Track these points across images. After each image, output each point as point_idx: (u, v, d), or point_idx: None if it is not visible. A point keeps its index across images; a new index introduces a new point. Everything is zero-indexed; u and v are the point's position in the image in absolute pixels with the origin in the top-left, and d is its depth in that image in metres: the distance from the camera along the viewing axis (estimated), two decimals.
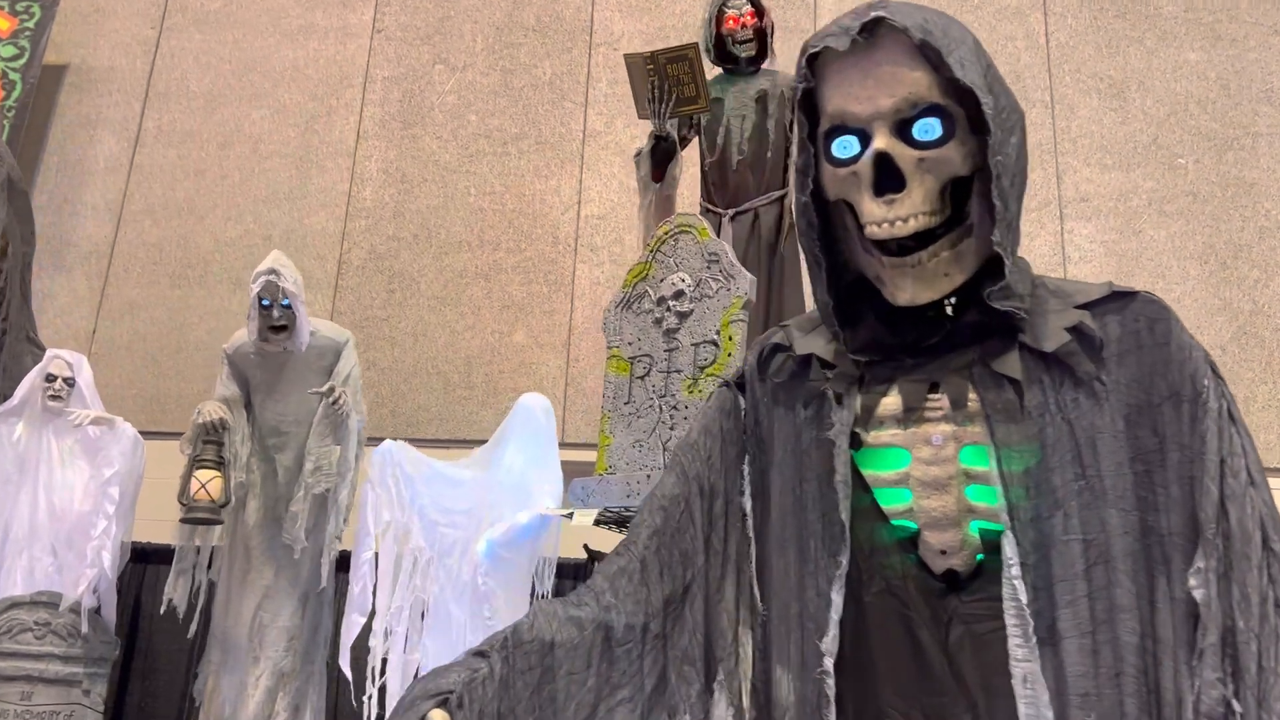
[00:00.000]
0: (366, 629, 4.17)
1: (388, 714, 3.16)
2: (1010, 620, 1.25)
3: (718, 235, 4.72)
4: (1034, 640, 1.24)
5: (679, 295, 4.37)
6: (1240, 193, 5.84)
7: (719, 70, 5.08)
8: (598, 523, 4.20)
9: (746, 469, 1.62)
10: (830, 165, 1.38)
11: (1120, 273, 5.85)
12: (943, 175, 1.33)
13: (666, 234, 4.56)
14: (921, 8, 1.40)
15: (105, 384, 5.06)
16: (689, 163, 5.16)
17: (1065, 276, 5.81)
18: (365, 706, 4.13)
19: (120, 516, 4.31)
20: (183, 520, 3.99)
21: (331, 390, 4.07)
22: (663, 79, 4.69)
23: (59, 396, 4.55)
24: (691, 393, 4.19)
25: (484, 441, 4.67)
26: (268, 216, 6.42)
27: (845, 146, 1.36)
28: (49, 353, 4.65)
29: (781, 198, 4.68)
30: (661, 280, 4.49)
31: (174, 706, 4.77)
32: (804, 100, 1.41)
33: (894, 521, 1.35)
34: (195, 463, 3.98)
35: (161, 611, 4.18)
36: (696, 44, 4.67)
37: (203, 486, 3.91)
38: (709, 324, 4.23)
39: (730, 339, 4.13)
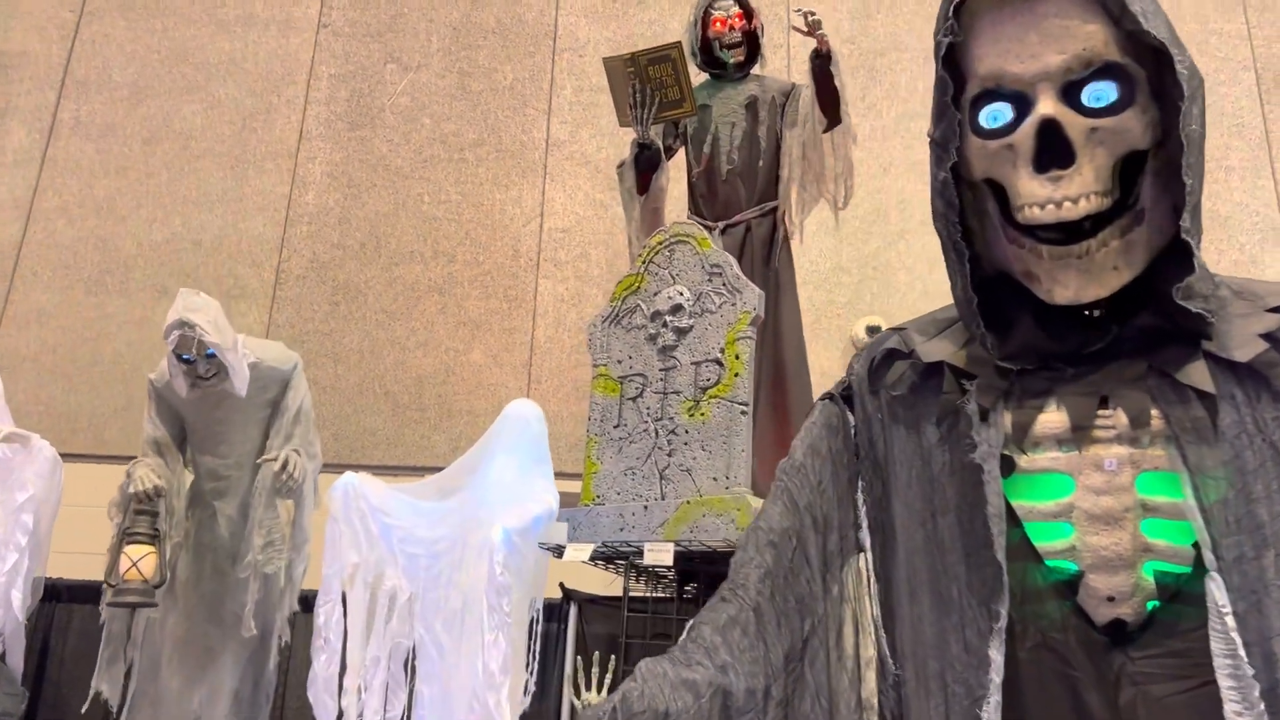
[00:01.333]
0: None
1: None
2: (1226, 683, 1.03)
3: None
4: (1260, 707, 1.02)
5: (677, 310, 4.03)
6: (1214, 225, 5.80)
7: (705, 76, 4.79)
8: (594, 558, 3.81)
9: (861, 497, 1.40)
10: (976, 137, 1.20)
11: None
12: (1118, 149, 1.13)
13: (660, 244, 4.22)
14: None
15: (8, 398, 4.46)
16: (675, 174, 4.84)
17: None
18: None
19: (34, 549, 3.73)
20: (111, 603, 3.44)
21: (281, 461, 3.56)
22: (644, 82, 4.37)
23: None
24: (693, 416, 3.84)
25: (437, 468, 4.23)
26: (198, 219, 5.88)
27: (997, 115, 1.18)
28: None
29: (774, 209, 4.39)
30: (656, 294, 4.14)
31: None
32: (946, 59, 1.21)
33: (1049, 562, 1.16)
34: (125, 536, 3.45)
35: (84, 710, 3.60)
36: (679, 43, 4.37)
37: (134, 565, 3.38)
38: (711, 341, 3.89)
39: (737, 358, 3.79)
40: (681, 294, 4.01)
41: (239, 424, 3.77)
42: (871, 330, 5.59)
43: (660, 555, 3.43)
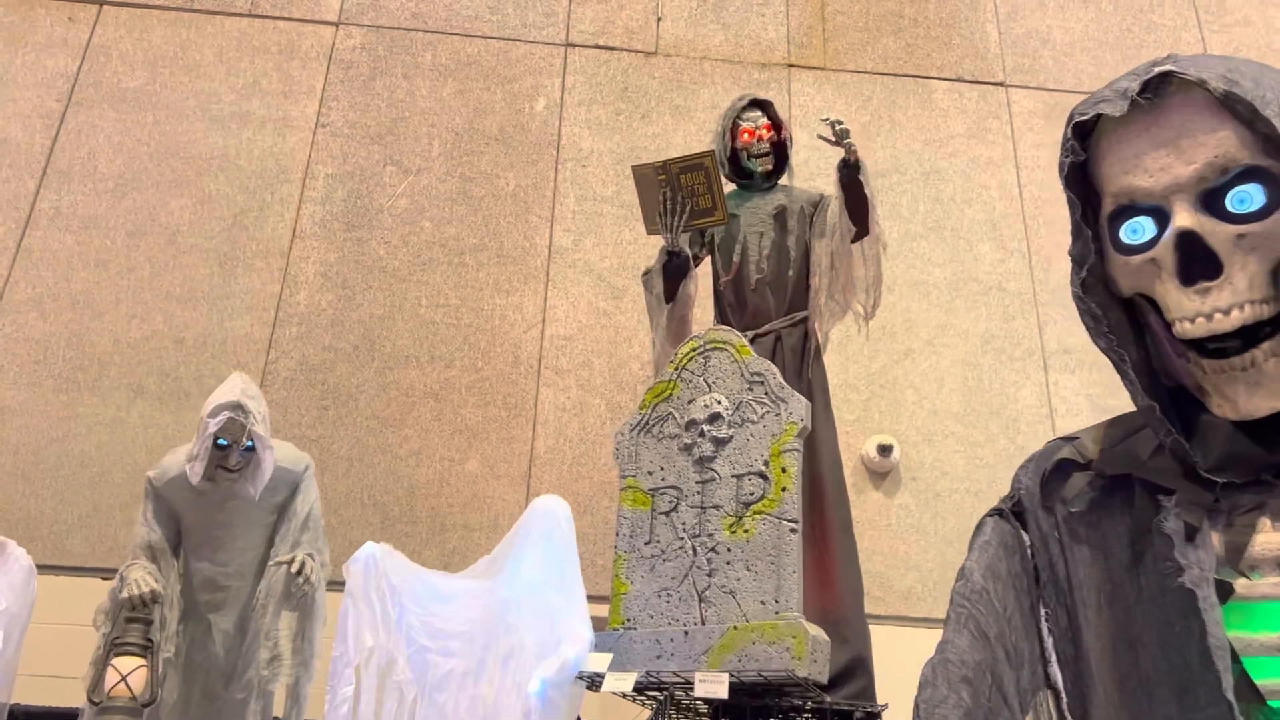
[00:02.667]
0: None
1: None
2: None
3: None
4: None
5: (714, 419, 3.83)
6: None
7: (732, 185, 4.73)
8: (638, 690, 3.49)
9: (1045, 626, 1.29)
10: (1119, 254, 1.19)
11: None
12: (1273, 252, 1.09)
13: (694, 350, 4.05)
14: (1218, 57, 1.14)
15: None
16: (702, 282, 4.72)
17: (1053, 428, 5.59)
18: None
19: (5, 669, 3.32)
20: None
21: (298, 564, 3.27)
22: (675, 189, 4.30)
23: None
24: (735, 533, 3.60)
25: None
26: (181, 317, 5.59)
27: (1136, 229, 1.17)
28: None
29: (804, 319, 4.28)
30: (690, 401, 3.95)
31: None
32: (1071, 178, 1.22)
33: (1272, 703, 1.06)
34: (114, 647, 3.09)
35: None
36: (713, 151, 4.32)
37: (123, 679, 3.01)
38: (754, 453, 3.69)
39: (784, 471, 3.59)
40: (719, 402, 3.82)
41: (242, 529, 3.45)
42: (883, 449, 5.44)
43: (714, 687, 3.15)
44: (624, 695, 3.61)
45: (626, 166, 6.19)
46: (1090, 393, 5.77)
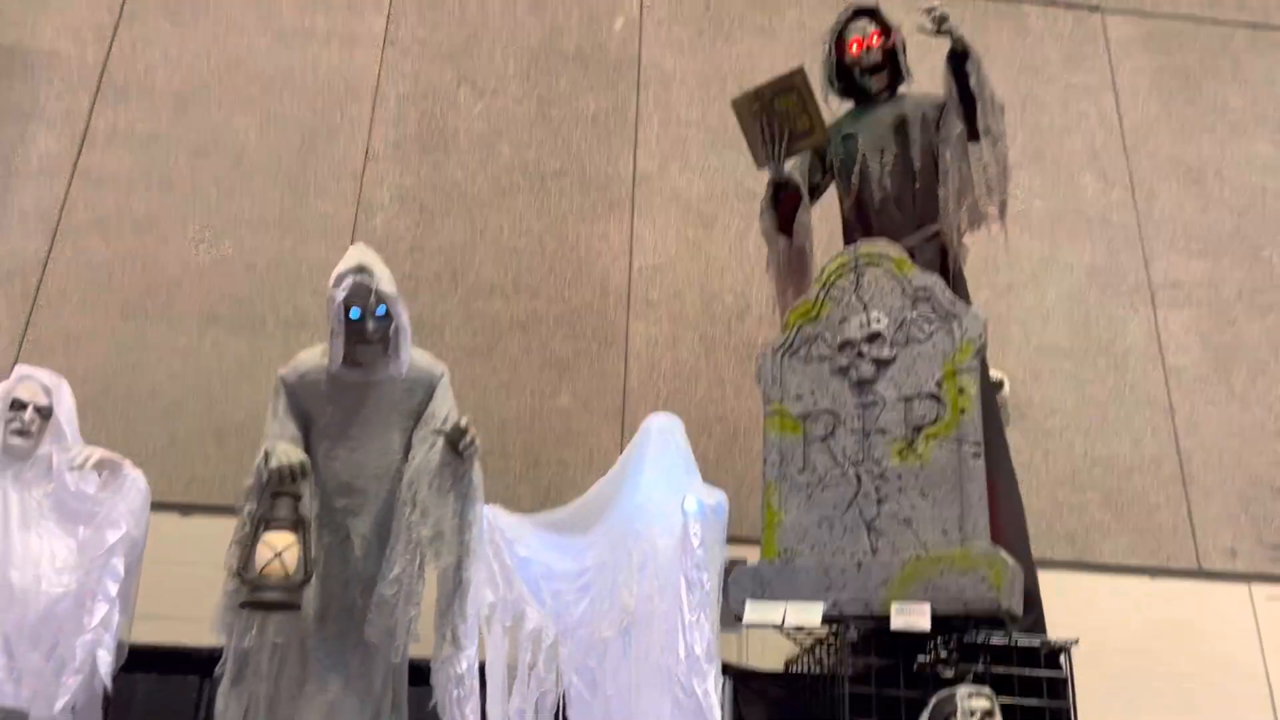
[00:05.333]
0: None
1: None
2: None
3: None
4: None
5: (874, 339, 3.58)
6: None
7: (846, 103, 4.44)
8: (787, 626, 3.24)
9: None
10: None
11: (1219, 365, 5.45)
12: None
13: (843, 267, 3.78)
14: None
15: None
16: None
17: (1164, 366, 5.37)
18: None
19: (124, 600, 3.06)
20: (246, 604, 2.80)
21: (460, 429, 3.03)
22: (771, 116, 4.02)
23: (26, 432, 3.30)
24: (905, 459, 3.35)
25: None
26: (252, 242, 5.27)
27: None
28: (18, 371, 3.40)
29: (938, 233, 3.99)
30: (842, 321, 3.69)
31: None
32: None
33: None
34: (263, 523, 2.83)
35: None
36: (801, 69, 4.01)
37: (277, 556, 2.75)
38: (924, 374, 3.44)
39: (961, 391, 3.33)
40: (878, 320, 3.57)
41: (379, 429, 3.20)
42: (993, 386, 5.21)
43: (914, 619, 2.92)
44: (783, 629, 3.39)
45: (710, 89, 5.89)
46: (1200, 329, 5.54)
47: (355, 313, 3.05)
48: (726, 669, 3.74)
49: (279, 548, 2.76)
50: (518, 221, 5.49)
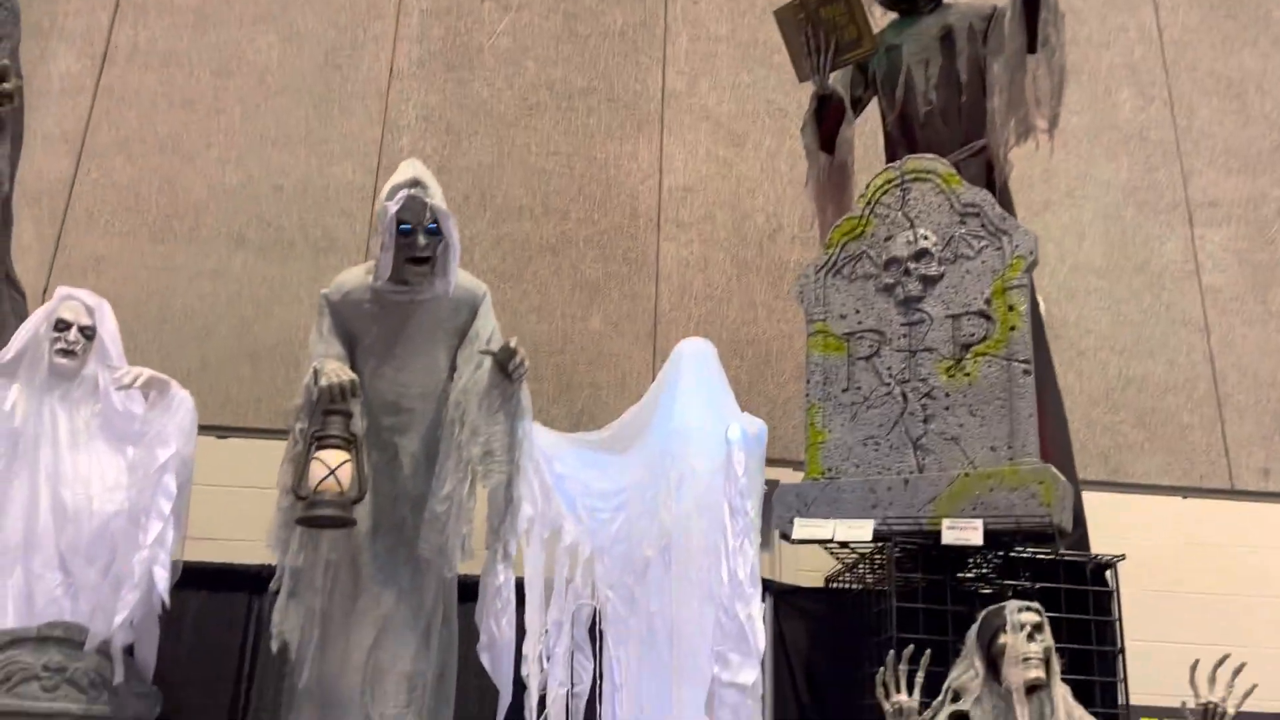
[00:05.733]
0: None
1: None
2: None
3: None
4: None
5: (921, 256, 3.53)
6: None
7: (890, 16, 4.32)
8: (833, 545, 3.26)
9: None
10: None
11: (1256, 284, 5.40)
12: None
13: (889, 183, 3.71)
14: None
15: None
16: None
17: (1200, 285, 5.31)
18: None
19: (177, 518, 3.08)
20: (302, 520, 2.81)
21: (510, 349, 3.00)
22: (817, 26, 3.90)
23: (71, 352, 3.28)
24: (953, 376, 3.33)
25: None
26: (278, 161, 5.20)
27: None
28: (60, 291, 3.37)
29: (983, 148, 3.91)
30: (888, 238, 3.64)
31: None
32: None
33: None
34: (315, 441, 2.82)
35: (274, 648, 2.96)
36: None
37: (331, 473, 2.75)
38: (972, 291, 3.40)
39: (1011, 309, 3.30)
40: (926, 238, 3.52)
41: (424, 347, 3.17)
42: None
43: (966, 534, 2.93)
44: (827, 544, 3.41)
45: (740, 3, 5.75)
46: (1238, 248, 5.47)
47: (406, 227, 3.00)
48: (768, 585, 3.79)
49: (333, 464, 2.76)
50: (545, 141, 5.41)
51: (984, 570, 3.49)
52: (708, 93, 5.58)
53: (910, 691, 2.72)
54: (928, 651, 2.75)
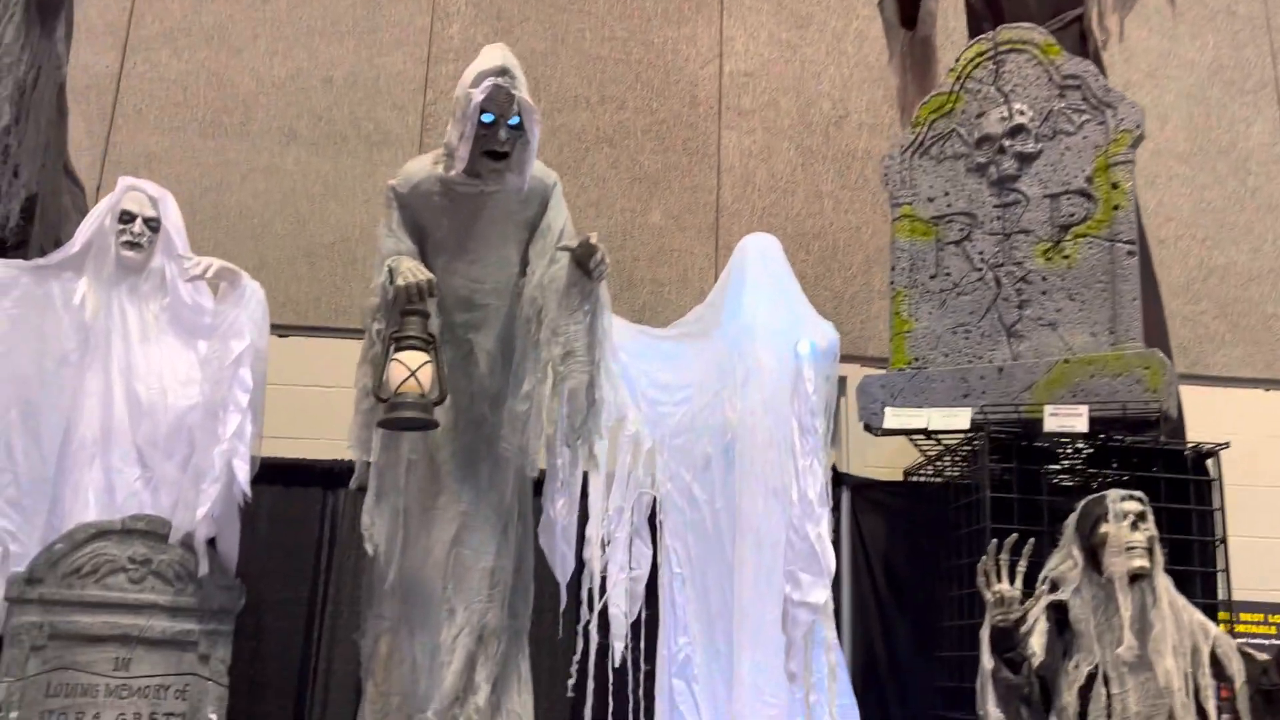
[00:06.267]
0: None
1: (611, 642, 1.96)
2: None
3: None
4: None
5: (1016, 132, 3.35)
6: None
7: None
8: (925, 434, 3.16)
9: None
10: None
11: None
12: None
13: (980, 55, 3.51)
14: None
15: None
16: None
17: None
18: (581, 638, 3.18)
19: (255, 410, 3.03)
20: (383, 423, 2.73)
21: (590, 246, 2.86)
22: None
23: (137, 244, 3.21)
24: (1050, 259, 3.18)
25: None
26: (326, 53, 5.04)
27: None
28: (122, 182, 3.28)
29: (1078, 18, 3.67)
30: (980, 115, 3.45)
31: (291, 674, 3.51)
32: None
33: None
34: (394, 342, 2.73)
35: (372, 551, 2.91)
36: None
37: (412, 375, 2.65)
38: (1072, 169, 3.22)
39: (1115, 186, 3.11)
40: (1021, 113, 3.33)
41: (495, 242, 3.04)
42: None
43: (1069, 420, 2.82)
44: (913, 434, 3.31)
45: None
46: None
47: (489, 118, 2.82)
48: (842, 479, 3.72)
49: (413, 366, 2.67)
50: (600, 26, 5.19)
51: (1076, 461, 3.39)
52: None
53: (1011, 581, 2.65)
54: (1031, 540, 2.67)
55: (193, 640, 2.95)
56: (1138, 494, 2.79)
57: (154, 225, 3.23)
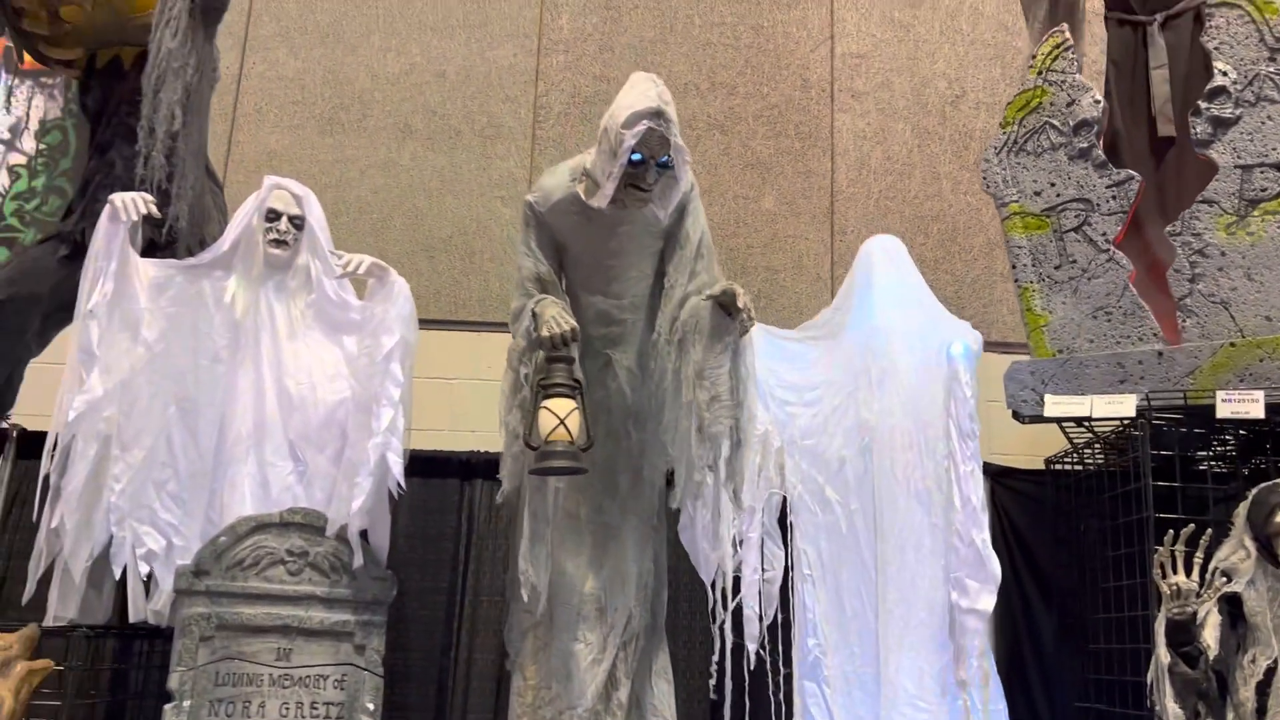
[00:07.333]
0: None
1: (745, 642, 1.72)
2: None
3: (1143, 49, 3.59)
4: None
5: (1215, 95, 3.17)
6: None
7: None
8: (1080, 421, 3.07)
9: None
10: None
11: None
12: None
13: (1058, 48, 3.40)
14: None
15: None
16: None
17: None
18: (717, 638, 3.16)
19: (405, 404, 3.07)
20: (536, 470, 2.73)
21: (731, 294, 2.79)
22: None
23: (284, 242, 3.27)
24: (1234, 234, 3.03)
25: None
26: (438, 48, 5.07)
27: None
28: (268, 181, 3.34)
29: None
30: (1070, 104, 3.32)
31: (432, 664, 3.57)
32: None
33: None
34: (543, 390, 2.73)
35: (528, 596, 2.87)
36: None
37: (560, 423, 2.65)
38: (1272, 139, 3.04)
39: None
40: (1224, 74, 3.16)
41: (633, 257, 3.02)
42: None
43: (1245, 405, 2.72)
44: (1068, 422, 3.23)
45: None
46: None
47: (638, 157, 2.76)
48: (985, 468, 3.64)
49: (561, 414, 2.66)
50: (709, 12, 5.14)
51: (1230, 448, 3.28)
52: None
53: (1189, 573, 2.57)
54: (1209, 531, 2.58)
55: (349, 631, 3.00)
56: None
57: (299, 223, 3.29)
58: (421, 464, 3.62)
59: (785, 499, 3.44)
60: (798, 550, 3.40)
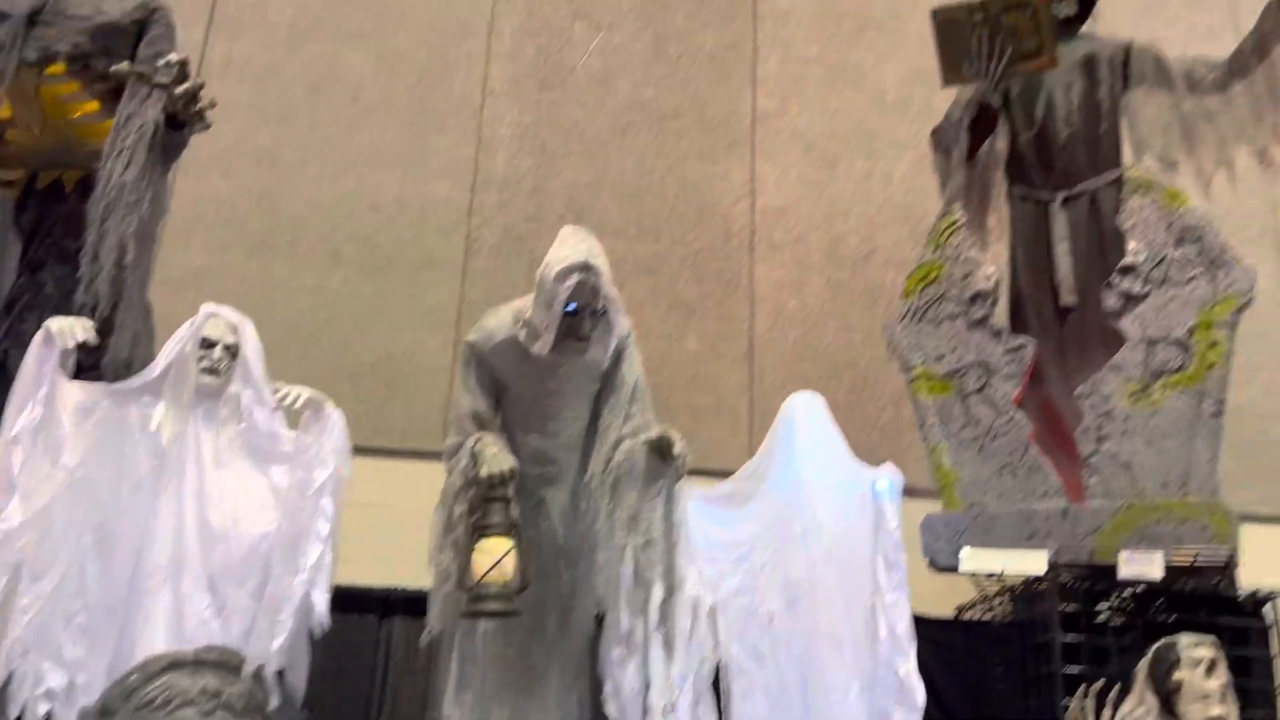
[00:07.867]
0: None
1: None
2: None
3: (1044, 223, 3.91)
4: None
5: (1126, 272, 3.46)
6: None
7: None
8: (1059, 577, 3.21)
9: None
10: None
11: None
12: None
13: (951, 225, 3.75)
14: None
15: None
16: None
17: None
18: None
19: (335, 540, 3.03)
20: (468, 613, 2.73)
21: (667, 439, 2.91)
22: (996, 32, 3.87)
23: (216, 370, 3.25)
24: (1138, 403, 3.28)
25: None
26: (374, 179, 5.19)
27: None
28: (204, 309, 3.33)
29: (1118, 178, 3.91)
30: (966, 276, 3.66)
31: None
32: None
33: None
34: (479, 530, 2.76)
35: None
36: None
37: (496, 564, 2.69)
38: (1175, 318, 3.34)
39: (1213, 346, 3.24)
40: (1136, 253, 3.46)
41: (571, 397, 3.11)
42: None
43: (1143, 568, 2.89)
44: (989, 575, 3.37)
45: (827, 25, 5.76)
46: None
47: (572, 308, 2.90)
48: None
49: (496, 554, 2.70)
50: (639, 162, 5.40)
51: (1123, 604, 3.46)
52: (798, 114, 5.57)
53: None
54: (1118, 686, 2.71)
55: None
56: (1210, 639, 2.85)
57: (233, 351, 3.28)
58: (340, 598, 3.53)
59: (719, 663, 3.44)
60: (734, 715, 3.38)
